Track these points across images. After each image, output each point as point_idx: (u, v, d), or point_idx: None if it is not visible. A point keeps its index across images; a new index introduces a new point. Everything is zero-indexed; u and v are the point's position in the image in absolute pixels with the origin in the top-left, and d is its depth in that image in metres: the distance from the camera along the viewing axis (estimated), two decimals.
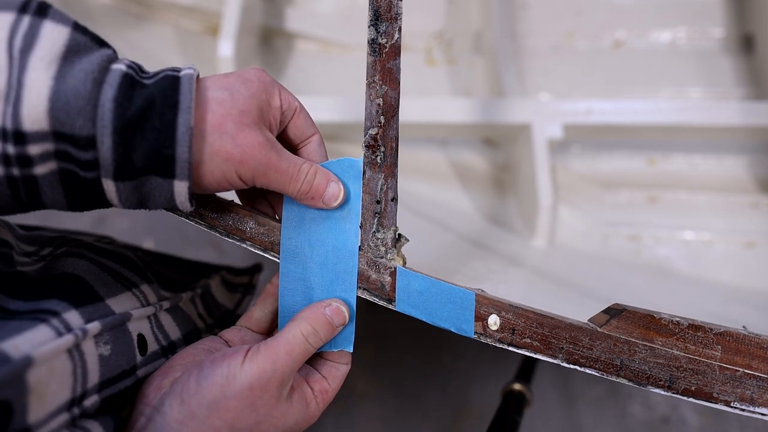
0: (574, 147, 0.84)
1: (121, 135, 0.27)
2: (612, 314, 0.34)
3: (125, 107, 0.27)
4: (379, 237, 0.35)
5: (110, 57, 0.29)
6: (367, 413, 1.11)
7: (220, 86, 0.31)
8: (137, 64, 0.30)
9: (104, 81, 0.28)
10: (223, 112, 0.30)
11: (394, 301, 0.35)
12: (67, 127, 0.27)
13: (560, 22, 0.92)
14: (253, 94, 0.31)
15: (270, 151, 0.31)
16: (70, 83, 0.27)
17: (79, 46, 0.28)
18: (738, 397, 0.33)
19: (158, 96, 0.28)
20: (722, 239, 0.79)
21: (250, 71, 0.32)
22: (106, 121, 0.27)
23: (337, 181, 0.34)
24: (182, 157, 0.28)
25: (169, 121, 0.28)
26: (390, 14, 0.34)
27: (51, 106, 0.26)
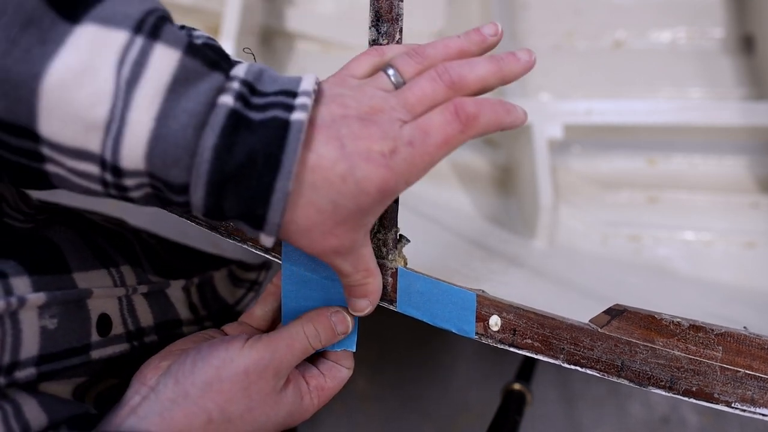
0: (574, 147, 0.84)
1: (215, 187, 0.26)
2: (613, 315, 0.34)
3: (224, 160, 0.25)
4: (380, 238, 0.35)
5: (219, 86, 0.26)
6: (367, 413, 1.11)
7: (330, 138, 0.27)
8: (249, 84, 0.27)
9: (207, 124, 0.25)
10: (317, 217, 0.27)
11: (395, 301, 0.35)
12: (162, 174, 0.26)
13: (560, 22, 0.92)
14: (359, 206, 0.27)
15: (344, 257, 0.30)
16: (171, 127, 0.25)
17: (188, 73, 0.26)
18: (739, 398, 0.33)
19: (261, 152, 0.25)
20: (722, 239, 0.79)
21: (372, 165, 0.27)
22: (201, 173, 0.25)
23: (372, 301, 0.33)
24: (273, 221, 0.26)
25: (267, 184, 0.26)
26: (391, 15, 0.34)
27: (149, 152, 0.25)
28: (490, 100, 0.30)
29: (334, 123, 0.27)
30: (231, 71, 0.27)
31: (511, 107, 0.30)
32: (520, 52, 0.32)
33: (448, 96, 0.29)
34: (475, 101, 0.29)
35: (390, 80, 0.30)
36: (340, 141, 0.27)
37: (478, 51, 0.32)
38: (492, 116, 0.29)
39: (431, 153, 0.28)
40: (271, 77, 0.28)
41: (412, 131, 0.28)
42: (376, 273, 0.32)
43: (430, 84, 0.29)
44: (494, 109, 0.30)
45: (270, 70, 0.29)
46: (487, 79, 0.30)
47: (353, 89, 0.29)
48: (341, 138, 0.27)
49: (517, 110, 0.31)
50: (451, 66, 0.30)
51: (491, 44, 0.33)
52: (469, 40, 0.32)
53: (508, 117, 0.30)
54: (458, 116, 0.28)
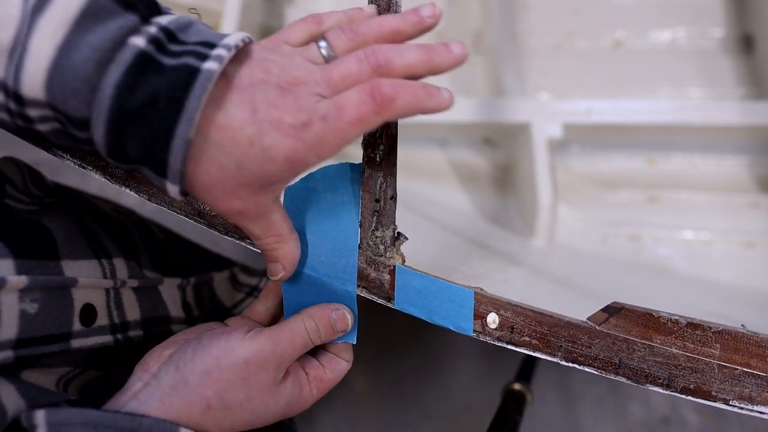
0: (574, 147, 0.84)
1: (116, 125, 0.26)
2: (611, 312, 0.34)
3: (126, 97, 0.25)
4: (378, 235, 0.35)
5: (132, 27, 0.26)
6: (367, 413, 1.11)
7: (244, 100, 0.27)
8: (170, 31, 0.27)
9: (112, 61, 0.25)
10: (219, 169, 0.27)
11: (393, 299, 0.35)
12: (61, 105, 0.26)
13: (560, 22, 0.92)
14: (264, 172, 0.28)
15: (252, 221, 0.30)
16: (73, 59, 0.25)
17: (98, 9, 0.25)
18: (737, 396, 0.33)
19: (164, 94, 0.25)
20: (722, 239, 0.79)
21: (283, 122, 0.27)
22: (102, 109, 0.25)
23: (284, 265, 0.34)
24: (175, 167, 0.26)
25: (167, 127, 0.25)
26: (389, 13, 0.34)
27: (48, 80, 0.25)
28: (410, 83, 0.29)
29: (251, 86, 0.27)
30: (153, 18, 0.27)
31: (434, 91, 0.30)
32: (454, 45, 0.31)
33: (372, 78, 0.29)
34: (394, 83, 0.29)
35: (320, 53, 0.30)
36: (253, 105, 0.27)
37: (414, 32, 0.32)
38: (411, 99, 0.29)
39: (344, 129, 0.28)
40: (198, 30, 0.28)
41: (327, 107, 0.28)
42: (288, 239, 0.33)
43: (356, 64, 0.29)
44: (414, 93, 0.29)
45: (201, 24, 0.29)
46: (414, 66, 0.30)
47: (282, 56, 0.29)
48: (255, 102, 0.27)
49: (440, 94, 0.30)
50: (381, 49, 0.30)
51: (428, 26, 0.32)
52: (406, 20, 0.32)
53: (429, 101, 0.30)
54: (374, 97, 0.28)
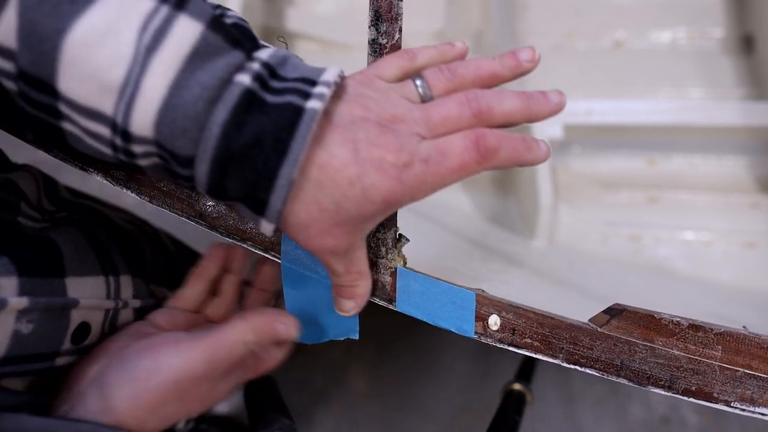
0: (574, 147, 0.84)
1: (220, 164, 0.25)
2: (612, 314, 0.34)
3: (232, 137, 0.25)
4: (380, 237, 0.35)
5: (238, 64, 0.26)
6: (367, 413, 1.11)
7: (346, 139, 0.27)
8: (270, 67, 0.27)
9: (220, 99, 0.25)
10: (320, 211, 0.27)
11: (395, 301, 0.35)
12: (168, 143, 0.26)
13: (560, 22, 0.92)
14: (361, 212, 0.27)
15: (339, 258, 0.30)
16: (183, 97, 0.25)
17: (208, 47, 0.25)
18: (738, 397, 0.33)
19: (269, 134, 0.25)
20: (722, 239, 0.79)
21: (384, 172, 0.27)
22: (208, 148, 0.25)
23: (359, 303, 0.34)
24: (275, 207, 0.26)
25: (272, 168, 0.25)
26: (390, 14, 0.34)
27: (158, 120, 0.25)
28: (513, 137, 0.29)
29: (352, 124, 0.27)
30: (255, 52, 0.27)
31: (534, 145, 0.30)
32: (552, 94, 0.31)
33: (472, 123, 0.29)
34: (498, 135, 0.29)
35: (417, 91, 0.30)
36: (354, 144, 0.26)
37: (510, 76, 0.32)
38: (511, 153, 0.29)
39: (443, 175, 0.28)
40: (294, 64, 0.28)
41: (429, 149, 0.28)
42: (367, 276, 0.32)
43: (457, 107, 0.29)
44: (515, 147, 0.29)
45: (296, 58, 0.29)
46: (513, 115, 0.30)
47: (378, 92, 0.29)
48: (357, 141, 0.27)
49: (538, 148, 0.30)
50: (482, 95, 0.30)
51: (526, 70, 0.32)
52: (504, 64, 0.32)
53: (528, 155, 0.30)
54: (478, 146, 0.28)
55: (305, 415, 1.12)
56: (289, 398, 0.46)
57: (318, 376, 1.15)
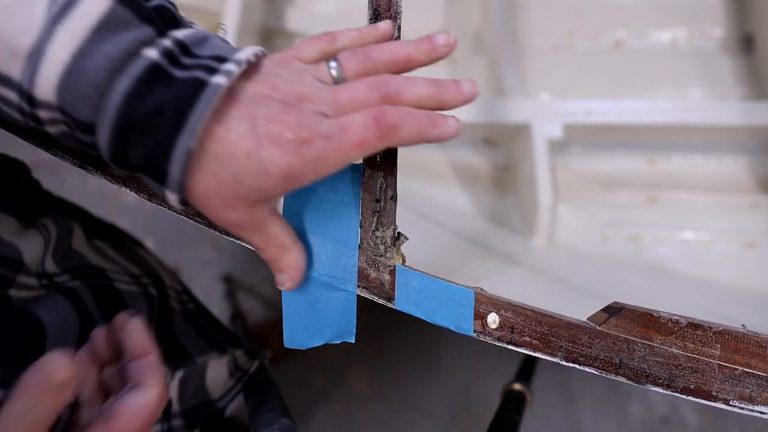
0: (574, 147, 0.84)
1: (120, 132, 0.26)
2: (611, 313, 0.34)
3: (133, 106, 0.26)
4: (379, 235, 0.35)
5: (147, 39, 0.27)
6: (367, 413, 1.11)
7: (245, 115, 0.27)
8: (184, 45, 0.28)
9: (124, 70, 0.26)
10: (217, 181, 0.28)
11: (394, 299, 0.35)
12: (70, 109, 0.26)
13: (560, 22, 0.92)
14: (259, 185, 0.28)
15: (250, 233, 0.30)
16: (86, 66, 0.26)
17: (116, 20, 0.26)
18: (737, 396, 0.33)
19: (170, 106, 0.26)
20: (722, 239, 0.79)
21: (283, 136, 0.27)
22: (109, 115, 0.26)
23: (290, 275, 0.33)
24: (174, 176, 0.27)
25: (170, 138, 0.26)
26: (389, 13, 0.34)
27: (59, 85, 0.26)
28: (416, 112, 0.30)
29: (254, 101, 0.28)
30: (170, 30, 0.28)
31: (440, 120, 0.30)
32: (465, 83, 0.32)
33: (379, 105, 0.30)
34: (399, 111, 0.29)
35: (330, 73, 0.31)
36: (253, 120, 0.27)
37: (426, 60, 0.32)
38: (415, 129, 0.30)
39: (345, 151, 0.28)
40: (212, 44, 0.29)
41: (331, 126, 0.28)
42: (291, 249, 0.33)
43: (365, 91, 0.30)
44: (419, 123, 0.30)
45: (218, 39, 0.30)
46: (423, 100, 0.31)
47: (291, 72, 0.30)
48: (256, 117, 0.27)
49: (445, 124, 0.30)
50: (392, 80, 0.30)
51: (441, 54, 0.33)
52: (419, 48, 0.32)
53: (433, 130, 0.30)
54: (378, 123, 0.29)
55: (305, 415, 1.12)
56: (289, 398, 0.46)
57: (318, 377, 1.15)
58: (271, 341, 1.15)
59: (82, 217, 0.49)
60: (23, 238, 0.37)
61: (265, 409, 0.43)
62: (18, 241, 0.37)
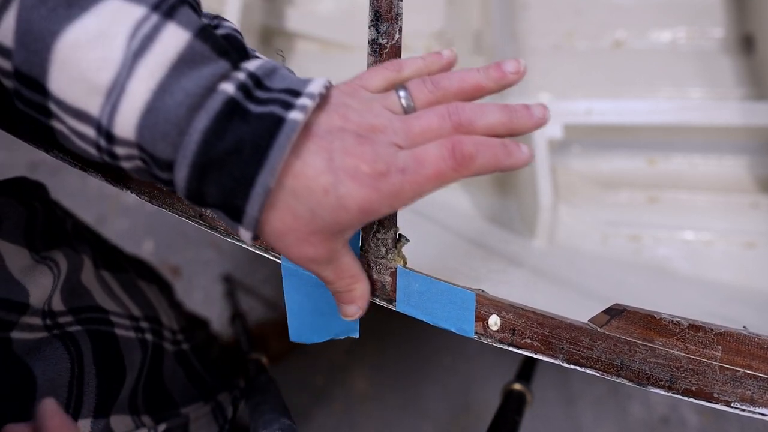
0: (574, 147, 0.84)
1: (198, 170, 0.26)
2: (612, 314, 0.34)
3: (212, 143, 0.25)
4: (380, 237, 0.35)
5: (223, 73, 0.26)
6: (367, 413, 1.11)
7: (321, 149, 0.27)
8: (257, 78, 0.27)
9: (202, 107, 0.26)
10: (295, 220, 0.27)
11: (395, 301, 0.35)
12: (149, 147, 0.26)
13: (560, 22, 0.92)
14: (336, 220, 0.27)
15: (323, 266, 0.30)
16: (166, 102, 0.25)
17: (195, 55, 0.26)
18: (738, 398, 0.33)
19: (248, 142, 0.26)
20: (722, 239, 0.79)
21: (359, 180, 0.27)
22: (188, 153, 0.26)
23: (360, 306, 0.33)
24: (251, 215, 0.27)
25: (249, 176, 0.26)
26: (390, 14, 0.34)
27: (140, 123, 0.25)
28: (491, 141, 0.29)
29: (329, 134, 0.27)
30: (243, 63, 0.28)
31: (514, 149, 0.30)
32: (536, 108, 0.31)
33: (452, 135, 0.29)
34: (475, 142, 0.29)
35: (401, 102, 0.30)
36: (330, 153, 0.27)
37: (495, 88, 0.32)
38: (490, 159, 0.29)
39: (421, 184, 0.28)
40: (282, 75, 0.28)
41: (406, 159, 0.28)
42: (362, 278, 0.32)
43: (438, 120, 0.29)
44: (493, 152, 0.29)
45: (285, 70, 0.29)
46: (495, 128, 0.30)
47: (361, 103, 0.29)
48: (332, 150, 0.27)
49: (519, 152, 0.30)
50: (464, 108, 0.30)
51: (511, 82, 0.32)
52: (488, 76, 0.31)
53: (507, 160, 0.29)
54: (454, 154, 0.28)
55: (305, 415, 1.12)
56: (289, 398, 0.46)
57: (318, 377, 1.15)
58: (271, 341, 1.15)
59: (93, 246, 0.48)
60: (32, 277, 0.37)
61: (265, 409, 0.43)
62: (27, 279, 0.37)
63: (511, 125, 0.30)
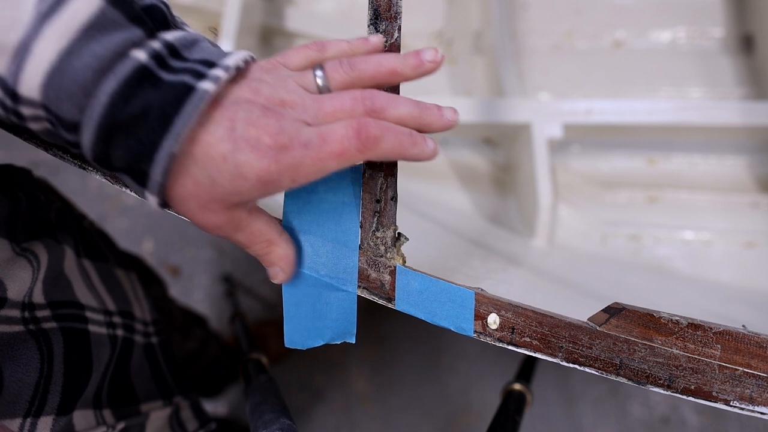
0: (574, 147, 0.84)
1: (105, 132, 0.26)
2: (611, 313, 0.34)
3: (119, 107, 0.26)
4: (379, 236, 0.35)
5: (136, 40, 0.27)
6: (367, 413, 1.11)
7: (224, 118, 0.27)
8: (173, 47, 0.28)
9: (111, 70, 0.26)
10: (198, 187, 0.28)
11: (394, 299, 0.35)
12: (54, 107, 0.26)
13: (560, 21, 0.92)
14: (236, 189, 0.28)
15: (232, 233, 0.31)
16: (73, 64, 0.25)
17: (106, 21, 0.26)
18: (737, 396, 0.33)
19: (156, 108, 0.26)
20: (722, 239, 0.79)
21: (261, 143, 0.27)
22: (94, 115, 0.26)
23: (282, 267, 0.34)
24: (155, 179, 0.27)
25: (154, 141, 0.26)
26: (390, 13, 0.34)
27: (45, 82, 0.26)
28: (398, 128, 0.30)
29: (234, 104, 0.28)
30: (160, 33, 0.28)
31: (420, 140, 0.31)
32: (447, 110, 0.32)
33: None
34: (381, 125, 0.29)
35: (315, 81, 0.31)
36: (232, 123, 0.27)
37: (411, 75, 0.32)
38: (395, 144, 0.30)
39: (323, 159, 0.29)
40: (202, 47, 0.29)
41: (311, 134, 0.28)
42: (278, 241, 0.33)
43: (350, 102, 0.30)
44: (399, 138, 0.30)
45: (208, 43, 0.30)
46: (405, 119, 0.31)
47: (276, 78, 0.30)
48: (235, 120, 0.28)
49: (425, 144, 0.31)
50: (378, 96, 0.30)
51: (427, 70, 0.33)
52: (405, 62, 0.32)
53: (412, 149, 0.30)
54: (359, 135, 0.29)
55: (305, 415, 1.12)
56: (289, 398, 0.46)
57: (318, 377, 1.15)
58: (271, 341, 1.16)
59: (75, 233, 0.48)
60: (11, 271, 0.37)
61: (265, 409, 0.43)
62: (5, 273, 0.37)
63: (421, 120, 0.31)
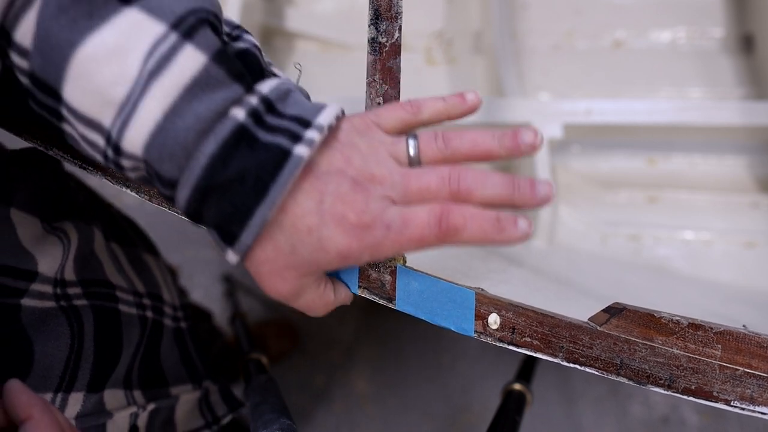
0: (574, 147, 0.84)
1: (201, 193, 0.26)
2: (612, 313, 0.34)
3: (217, 169, 0.26)
4: None
5: (236, 98, 0.27)
6: (367, 413, 1.11)
7: (314, 189, 0.27)
8: (269, 102, 0.28)
9: (212, 131, 0.26)
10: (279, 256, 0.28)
11: (394, 299, 0.35)
12: (155, 164, 0.27)
13: (560, 21, 0.92)
14: (315, 260, 0.28)
15: (293, 298, 0.31)
16: (176, 124, 0.26)
17: (209, 79, 0.26)
18: (738, 396, 0.33)
19: (252, 174, 0.26)
20: (722, 239, 0.79)
21: (346, 221, 0.27)
22: (192, 176, 0.26)
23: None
24: (244, 242, 0.27)
25: (249, 206, 0.26)
26: (390, 13, 0.34)
27: (149, 142, 0.26)
28: (483, 216, 0.28)
29: (326, 175, 0.28)
30: (257, 85, 0.28)
31: (508, 226, 0.28)
32: (542, 185, 0.29)
33: (447, 201, 0.29)
34: (464, 214, 0.28)
35: (408, 153, 0.30)
36: (322, 196, 0.27)
37: (506, 156, 0.31)
38: (477, 233, 0.28)
39: (402, 243, 0.28)
40: (295, 100, 0.29)
41: (394, 216, 0.28)
42: (335, 302, 0.33)
43: (437, 182, 0.29)
44: (482, 227, 0.28)
45: (299, 93, 0.29)
46: (494, 201, 0.29)
47: (369, 145, 0.29)
48: (324, 193, 0.27)
49: (514, 230, 0.28)
50: (465, 177, 0.29)
51: (524, 153, 0.31)
52: (502, 144, 0.31)
53: (497, 236, 0.28)
54: (440, 223, 0.28)
55: (305, 415, 1.12)
56: (289, 398, 0.46)
57: (318, 377, 1.15)
58: (271, 341, 1.16)
59: (104, 217, 0.49)
60: (42, 247, 0.37)
61: (265, 409, 0.43)
62: (36, 249, 0.37)
63: (512, 200, 0.29)
